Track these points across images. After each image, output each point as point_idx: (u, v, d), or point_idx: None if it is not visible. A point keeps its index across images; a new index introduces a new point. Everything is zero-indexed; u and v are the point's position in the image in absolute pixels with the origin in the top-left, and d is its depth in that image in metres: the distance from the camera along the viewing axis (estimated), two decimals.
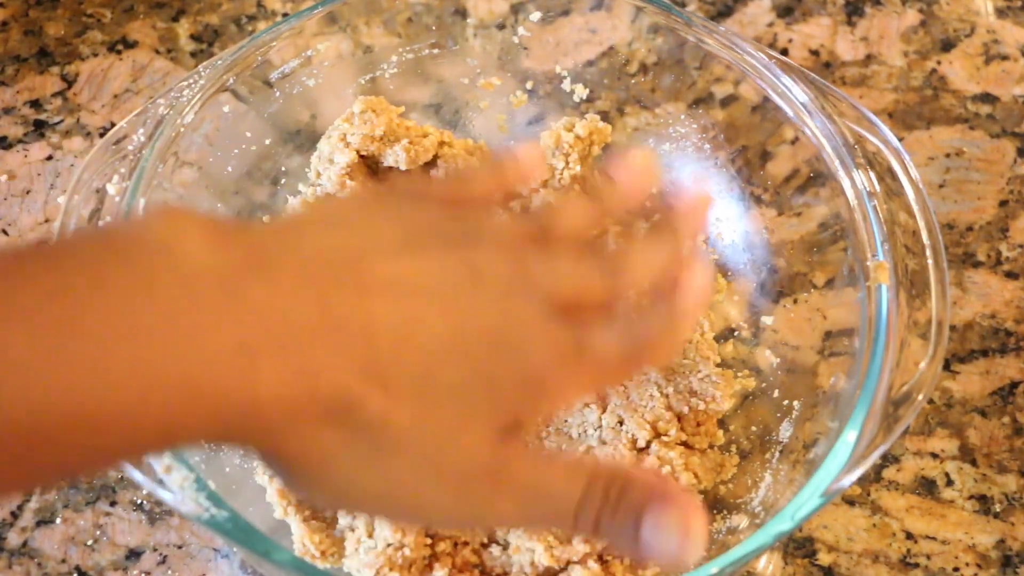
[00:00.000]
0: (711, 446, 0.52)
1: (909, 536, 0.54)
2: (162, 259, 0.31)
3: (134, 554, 0.53)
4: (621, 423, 0.52)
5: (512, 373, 0.37)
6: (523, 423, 0.38)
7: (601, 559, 0.48)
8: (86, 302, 0.30)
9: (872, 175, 0.51)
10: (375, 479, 0.35)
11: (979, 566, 0.53)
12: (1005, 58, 0.68)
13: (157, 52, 0.68)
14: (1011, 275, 0.61)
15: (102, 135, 0.64)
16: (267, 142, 0.57)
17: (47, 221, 0.62)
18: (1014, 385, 0.58)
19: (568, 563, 0.47)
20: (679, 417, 0.52)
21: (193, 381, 0.31)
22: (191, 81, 0.53)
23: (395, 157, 0.56)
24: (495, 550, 0.48)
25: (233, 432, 0.33)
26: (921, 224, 0.50)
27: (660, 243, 0.43)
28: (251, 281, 0.33)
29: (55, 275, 0.30)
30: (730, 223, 0.58)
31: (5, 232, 0.62)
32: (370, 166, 0.58)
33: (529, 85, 0.61)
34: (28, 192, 0.63)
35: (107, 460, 0.33)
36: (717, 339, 0.56)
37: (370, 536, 0.47)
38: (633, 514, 0.36)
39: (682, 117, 0.59)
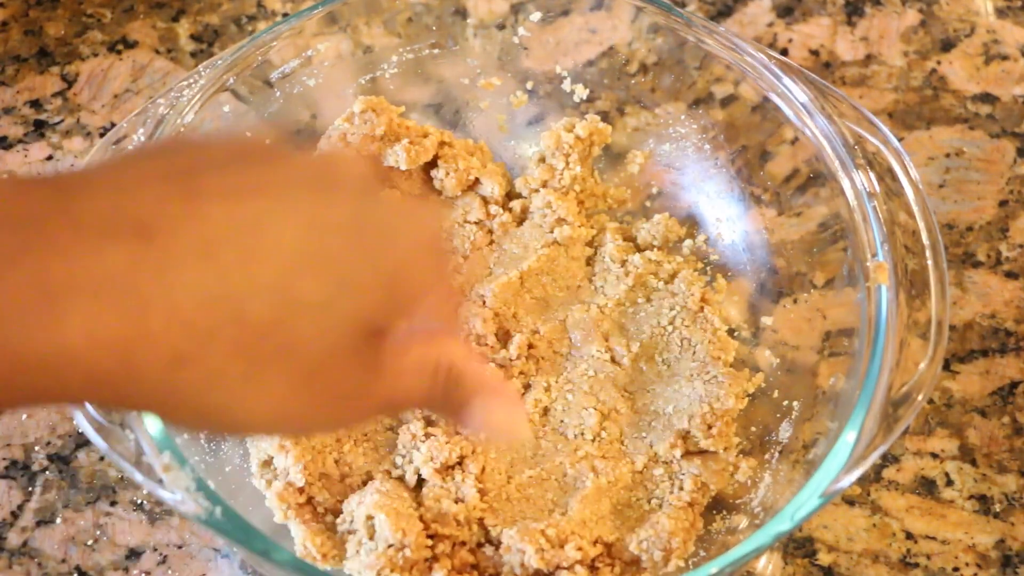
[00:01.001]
0: (725, 448, 0.52)
1: (909, 536, 0.54)
2: None
3: (134, 554, 0.53)
4: (622, 439, 0.52)
5: (373, 267, 0.34)
6: (393, 318, 0.36)
7: (592, 566, 0.48)
8: None
9: (872, 175, 0.51)
10: (246, 404, 0.32)
11: (979, 566, 0.53)
12: (1005, 58, 0.69)
13: (157, 52, 0.68)
14: (1011, 275, 0.61)
15: (102, 135, 0.64)
16: (267, 142, 0.57)
17: None
18: (1014, 385, 0.58)
19: (557, 567, 0.47)
20: (688, 418, 0.52)
21: None
22: (191, 81, 0.53)
23: (395, 157, 0.56)
24: (488, 550, 0.48)
25: (64, 387, 0.30)
26: (921, 224, 0.50)
27: None
28: (54, 224, 0.29)
29: None
30: (730, 223, 0.58)
31: None
32: None
33: (529, 85, 0.61)
34: None
35: None
36: None
37: (371, 538, 0.47)
38: (463, 401, 0.38)
39: (682, 117, 0.59)
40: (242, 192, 0.32)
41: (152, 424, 0.43)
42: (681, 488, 0.50)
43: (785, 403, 0.53)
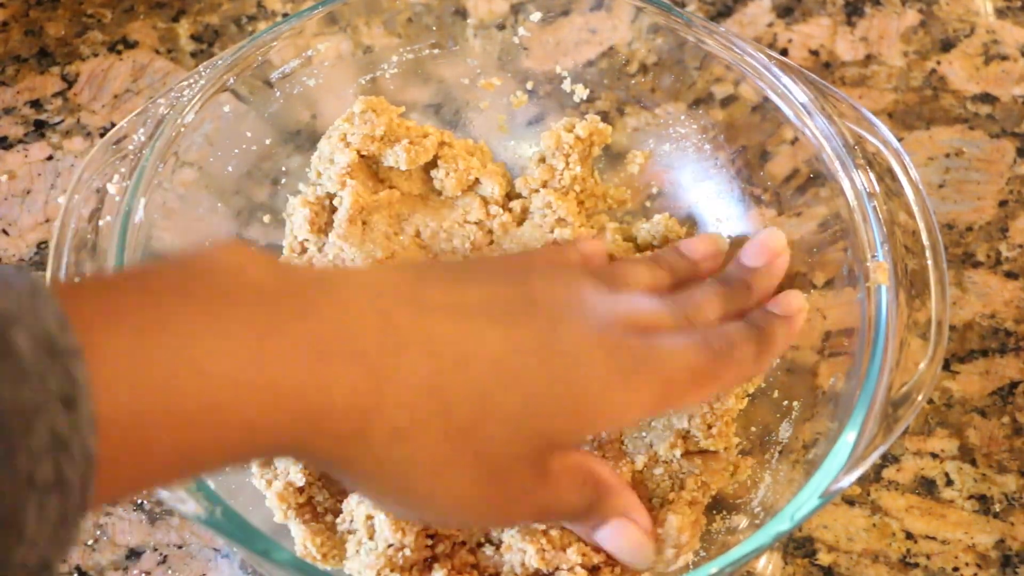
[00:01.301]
0: (725, 448, 0.52)
1: (909, 536, 0.54)
2: (235, 278, 0.34)
3: (134, 554, 0.53)
4: (622, 439, 0.52)
5: (557, 392, 0.39)
6: (571, 439, 0.42)
7: (592, 569, 0.48)
8: (174, 309, 0.32)
9: (872, 176, 0.51)
10: (438, 487, 0.38)
11: (979, 566, 0.53)
12: (1005, 58, 0.69)
13: (157, 52, 0.68)
14: (1011, 275, 0.61)
15: (102, 135, 0.64)
16: (267, 142, 0.57)
17: (47, 221, 0.62)
18: (1014, 385, 0.58)
19: (557, 568, 0.47)
20: (688, 418, 0.52)
21: (275, 379, 0.32)
22: (191, 81, 0.53)
23: (395, 157, 0.56)
24: (488, 550, 0.48)
25: (307, 440, 0.34)
26: (921, 225, 0.50)
27: (731, 292, 0.48)
28: (318, 298, 0.35)
29: (142, 290, 0.32)
30: (730, 223, 0.58)
31: (5, 232, 0.62)
32: (370, 166, 0.58)
33: (529, 85, 0.61)
34: (28, 192, 0.63)
35: (198, 461, 0.33)
36: None
37: (371, 538, 0.47)
38: (604, 518, 0.44)
39: (682, 117, 0.59)
40: (462, 310, 0.38)
41: None
42: (682, 487, 0.50)
43: (785, 403, 0.53)
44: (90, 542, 0.53)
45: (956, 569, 0.53)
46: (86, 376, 0.28)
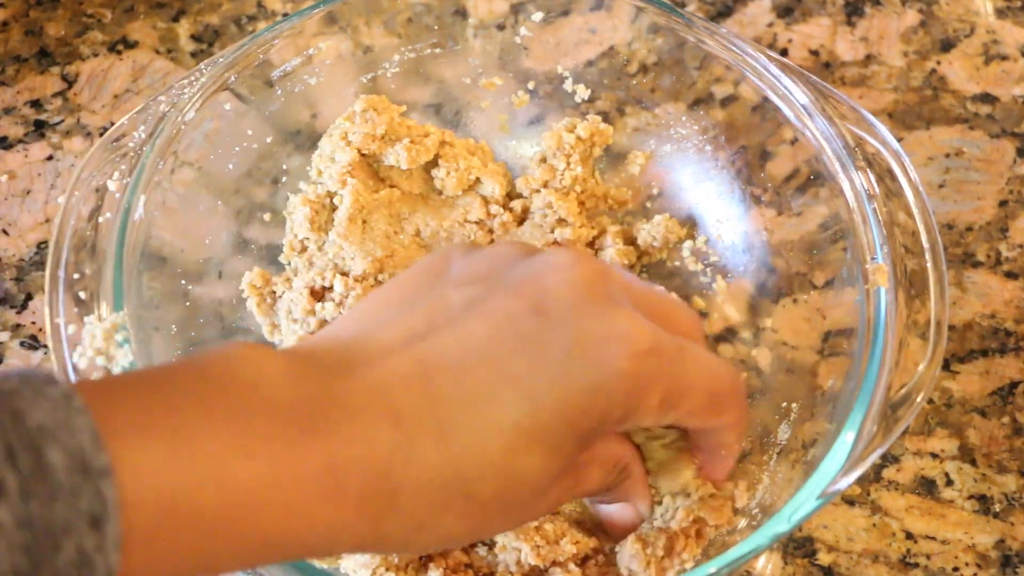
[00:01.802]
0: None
1: (909, 536, 0.54)
2: (251, 389, 0.34)
3: None
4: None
5: (578, 429, 0.38)
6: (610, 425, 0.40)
7: (582, 561, 0.47)
8: (198, 424, 0.32)
9: (872, 177, 0.51)
10: (466, 542, 0.43)
11: (979, 566, 0.53)
12: (1005, 58, 0.69)
13: (157, 52, 0.68)
14: (1011, 275, 0.61)
15: (102, 135, 0.64)
16: (268, 141, 0.57)
17: (47, 221, 0.62)
18: (1014, 385, 0.58)
19: (553, 563, 0.47)
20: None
21: (291, 501, 0.33)
22: (192, 79, 0.53)
23: (396, 156, 0.56)
24: (481, 550, 0.48)
25: (327, 547, 0.35)
26: (920, 226, 0.50)
27: None
28: (330, 408, 0.35)
29: (162, 397, 0.32)
30: (730, 223, 0.58)
31: (6, 232, 0.62)
32: (371, 165, 0.58)
33: (531, 85, 0.61)
34: (28, 192, 0.63)
35: (215, 569, 0.34)
36: (717, 340, 0.56)
37: None
38: (617, 499, 0.45)
39: (683, 118, 0.59)
40: (466, 360, 0.37)
41: None
42: (673, 517, 0.49)
43: (784, 404, 0.52)
44: None
45: (956, 569, 0.53)
46: (115, 497, 0.29)
